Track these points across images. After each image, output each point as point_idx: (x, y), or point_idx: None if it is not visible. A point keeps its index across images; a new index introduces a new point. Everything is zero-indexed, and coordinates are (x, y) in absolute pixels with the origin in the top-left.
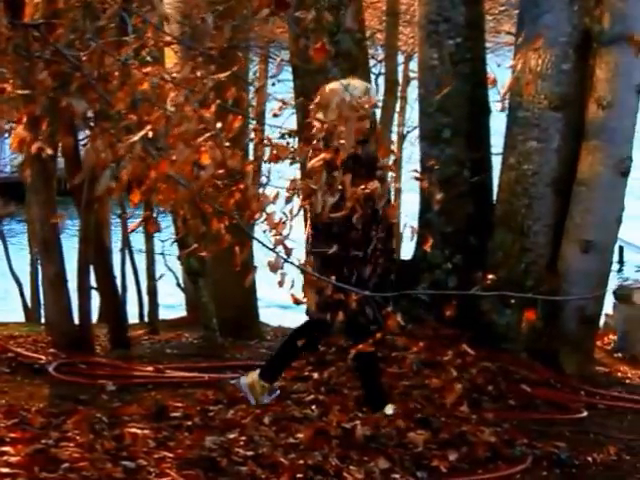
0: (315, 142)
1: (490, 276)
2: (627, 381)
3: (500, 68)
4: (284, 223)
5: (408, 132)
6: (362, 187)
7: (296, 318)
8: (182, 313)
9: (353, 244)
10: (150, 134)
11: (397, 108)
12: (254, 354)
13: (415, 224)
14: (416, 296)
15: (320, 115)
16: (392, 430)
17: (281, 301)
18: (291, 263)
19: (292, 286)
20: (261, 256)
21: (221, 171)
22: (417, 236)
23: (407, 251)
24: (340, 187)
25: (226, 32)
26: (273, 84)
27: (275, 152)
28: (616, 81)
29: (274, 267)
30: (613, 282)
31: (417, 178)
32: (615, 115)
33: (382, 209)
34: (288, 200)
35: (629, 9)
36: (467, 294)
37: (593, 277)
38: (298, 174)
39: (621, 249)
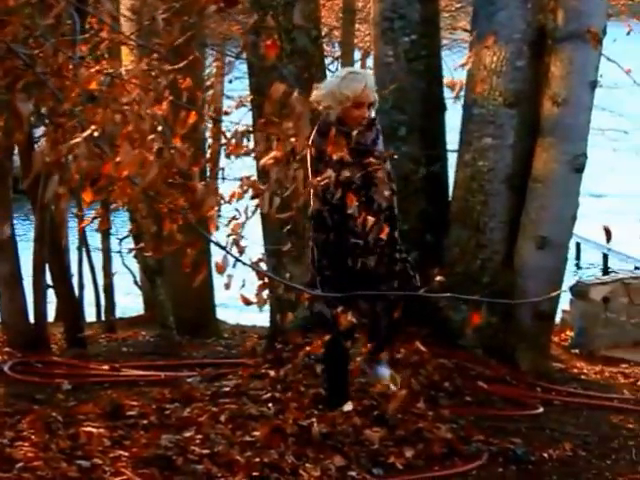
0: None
1: (438, 278)
2: (583, 377)
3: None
4: (236, 220)
5: None
6: (318, 179)
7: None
8: (140, 311)
9: (351, 232)
10: (96, 133)
11: None
12: (211, 352)
13: None
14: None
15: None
16: (348, 427)
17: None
18: (243, 262)
19: (243, 286)
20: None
21: (174, 170)
22: None
23: None
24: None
25: (176, 30)
26: (230, 81)
27: (230, 149)
28: (570, 78)
29: (220, 269)
30: (571, 278)
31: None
32: (570, 112)
33: (383, 196)
34: (239, 198)
35: (583, 6)
36: (418, 295)
37: (548, 273)
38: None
39: (578, 246)
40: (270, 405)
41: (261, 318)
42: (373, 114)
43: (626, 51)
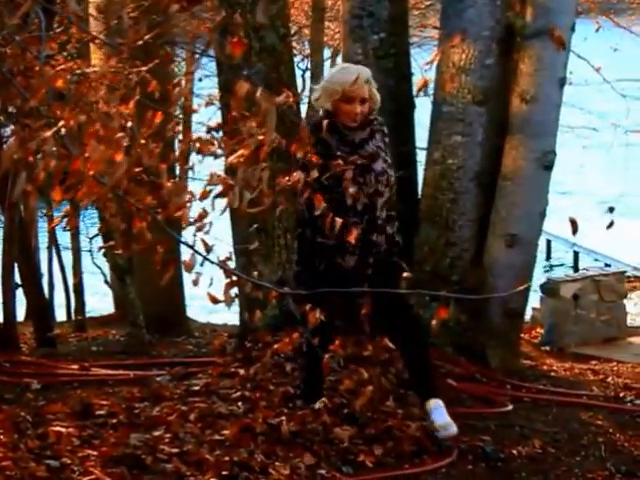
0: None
1: (405, 274)
2: (553, 374)
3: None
4: (203, 218)
5: None
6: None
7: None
8: (110, 310)
9: (320, 231)
10: (63, 131)
11: None
12: (181, 351)
13: None
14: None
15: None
16: (318, 426)
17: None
18: (210, 261)
19: (210, 284)
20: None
21: (142, 168)
22: None
23: None
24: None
25: (142, 28)
26: (200, 80)
27: (198, 146)
28: (539, 75)
29: (188, 266)
30: (542, 276)
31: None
32: (538, 109)
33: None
34: (206, 195)
35: (552, 3)
36: (386, 291)
37: (518, 270)
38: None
39: (549, 243)
40: (240, 404)
41: (232, 317)
42: (374, 115)
43: (596, 48)
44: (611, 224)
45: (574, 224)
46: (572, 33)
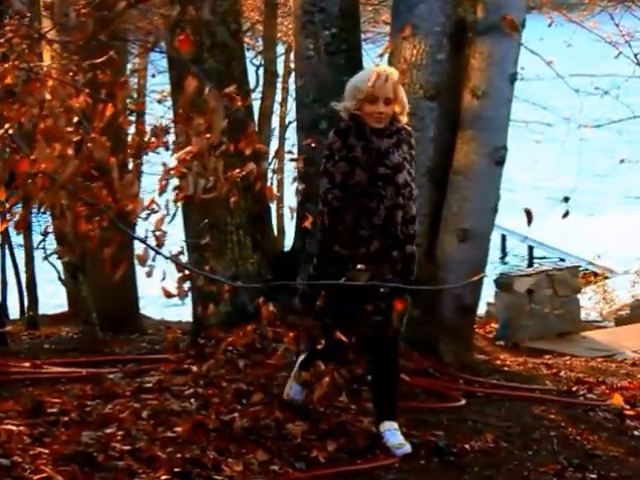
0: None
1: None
2: (506, 369)
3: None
4: (155, 213)
5: (290, 123)
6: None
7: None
8: (64, 308)
9: (337, 240)
10: (11, 130)
11: (279, 99)
12: (134, 348)
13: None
14: (296, 287)
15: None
16: (271, 422)
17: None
18: (162, 255)
19: (163, 278)
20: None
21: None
22: (295, 227)
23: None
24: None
25: (89, 25)
26: (153, 76)
27: (150, 143)
28: (490, 70)
29: (142, 259)
30: (496, 270)
31: (292, 159)
32: (489, 104)
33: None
34: (162, 190)
35: None
36: (339, 284)
37: (470, 265)
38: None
39: (503, 238)
40: (192, 400)
41: (186, 314)
42: (403, 122)
43: (549, 44)
44: (566, 214)
45: (529, 214)
46: (523, 29)
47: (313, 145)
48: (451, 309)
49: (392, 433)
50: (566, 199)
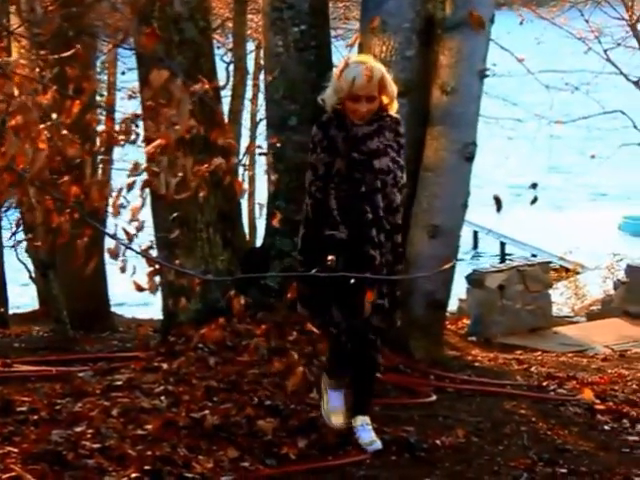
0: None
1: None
2: (477, 364)
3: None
4: (124, 208)
5: (261, 120)
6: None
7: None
8: (35, 306)
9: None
10: None
11: (249, 96)
12: (105, 346)
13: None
14: (266, 283)
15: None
16: (241, 419)
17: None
18: (132, 249)
19: (133, 273)
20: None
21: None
22: (266, 224)
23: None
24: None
25: (56, 20)
26: (122, 73)
27: (118, 137)
28: (459, 67)
29: (113, 253)
30: (468, 267)
31: (262, 153)
32: (459, 101)
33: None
34: (131, 186)
35: None
36: (308, 275)
37: (441, 261)
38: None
39: (475, 234)
40: (163, 398)
41: (158, 312)
42: (392, 112)
43: (520, 40)
44: (534, 200)
45: (498, 202)
46: (492, 25)
47: (279, 145)
48: (422, 305)
49: (364, 429)
50: (534, 185)
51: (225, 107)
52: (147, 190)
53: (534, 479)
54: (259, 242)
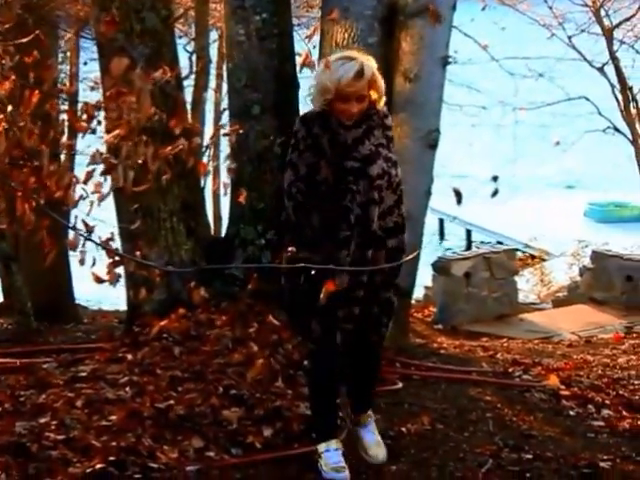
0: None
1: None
2: (443, 352)
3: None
4: (83, 199)
5: (225, 109)
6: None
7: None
8: None
9: (304, 243)
10: None
11: (213, 86)
12: (69, 338)
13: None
14: (230, 273)
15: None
16: (206, 408)
17: None
18: (92, 241)
19: (93, 264)
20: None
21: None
22: (229, 213)
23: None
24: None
25: (15, 9)
26: (85, 63)
27: (77, 126)
28: (422, 54)
29: (72, 244)
30: (434, 255)
31: (225, 134)
32: (422, 88)
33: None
34: (90, 176)
35: None
36: (276, 267)
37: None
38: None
39: (441, 222)
40: (127, 389)
41: (123, 303)
42: (382, 108)
43: (483, 27)
44: (495, 192)
45: (458, 194)
46: (454, 11)
47: (241, 131)
48: None
49: (369, 430)
50: (495, 178)
51: (188, 97)
52: (107, 181)
53: (500, 465)
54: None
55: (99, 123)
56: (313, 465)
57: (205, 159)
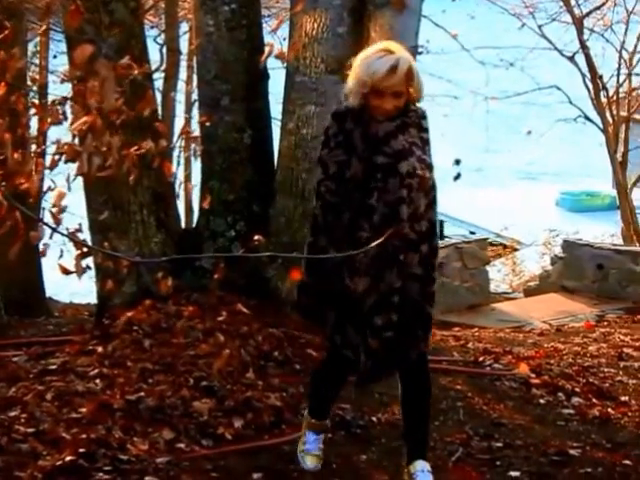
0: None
1: (256, 237)
2: None
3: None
4: (51, 190)
5: (195, 101)
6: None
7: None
8: None
9: (333, 242)
10: None
11: (184, 77)
12: (40, 331)
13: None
14: (200, 265)
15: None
16: (177, 400)
17: None
18: (59, 232)
19: (60, 256)
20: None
21: None
22: (199, 206)
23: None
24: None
25: None
26: (55, 57)
27: (46, 117)
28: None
29: (35, 238)
30: None
31: (190, 137)
32: None
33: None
34: (55, 164)
35: None
36: (246, 256)
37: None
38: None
39: None
40: (97, 381)
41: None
42: (419, 108)
43: (453, 17)
44: (458, 176)
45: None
46: (422, 1)
47: (208, 123)
48: None
49: (425, 476)
50: (457, 162)
51: (159, 88)
52: (73, 172)
53: (469, 453)
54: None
55: (65, 117)
56: (283, 456)
57: (176, 152)
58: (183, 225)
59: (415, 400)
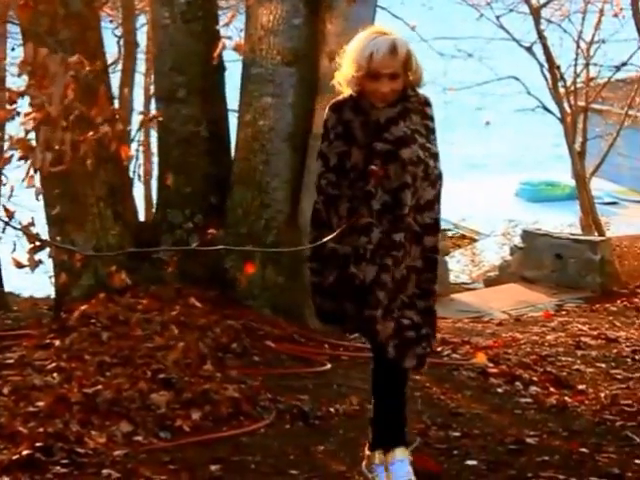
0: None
1: (210, 230)
2: None
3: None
4: (4, 185)
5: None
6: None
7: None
8: None
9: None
10: None
11: (142, 70)
12: None
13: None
14: (158, 257)
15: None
16: (134, 393)
17: None
18: (11, 226)
19: (14, 250)
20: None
21: None
22: (157, 198)
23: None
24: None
25: None
26: (12, 49)
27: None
28: (347, 35)
29: None
30: None
31: (148, 119)
32: None
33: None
34: (8, 161)
35: None
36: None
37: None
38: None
39: None
40: (55, 374)
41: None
42: (419, 91)
43: (410, 7)
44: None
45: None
46: None
47: (160, 118)
48: None
49: (402, 465)
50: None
51: (116, 81)
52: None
53: (427, 443)
54: None
55: (17, 113)
56: (241, 447)
57: (134, 145)
58: (143, 218)
59: (392, 382)
